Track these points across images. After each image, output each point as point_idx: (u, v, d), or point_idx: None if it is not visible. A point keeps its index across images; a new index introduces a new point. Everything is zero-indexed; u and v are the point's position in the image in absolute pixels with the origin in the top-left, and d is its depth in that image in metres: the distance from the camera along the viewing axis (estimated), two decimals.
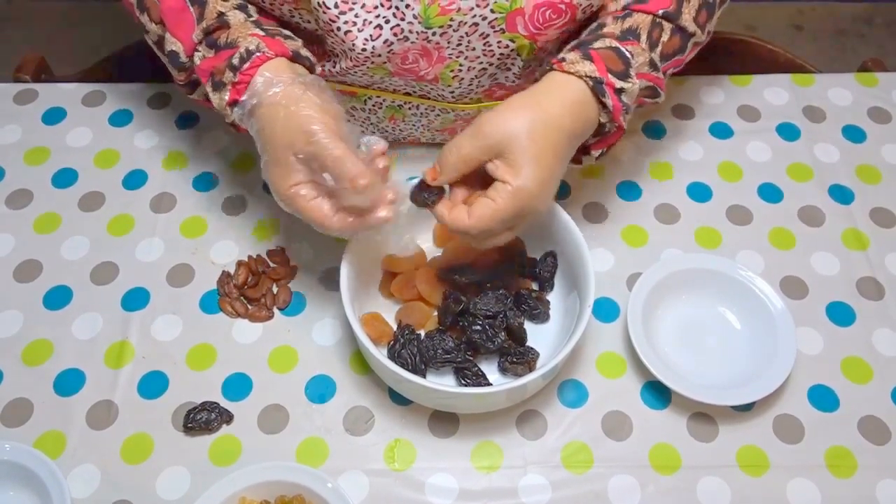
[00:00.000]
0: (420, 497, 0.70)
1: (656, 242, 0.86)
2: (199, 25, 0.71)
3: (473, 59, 0.75)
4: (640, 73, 0.70)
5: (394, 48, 0.73)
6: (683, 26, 0.73)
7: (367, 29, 0.71)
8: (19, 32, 1.99)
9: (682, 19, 0.73)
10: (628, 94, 0.69)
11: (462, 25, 0.71)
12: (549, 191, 0.69)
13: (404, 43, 0.72)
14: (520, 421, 0.74)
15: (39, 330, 0.79)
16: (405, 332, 0.74)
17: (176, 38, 0.72)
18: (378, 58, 0.74)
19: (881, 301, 0.82)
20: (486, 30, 0.72)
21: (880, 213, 0.88)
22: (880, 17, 2.12)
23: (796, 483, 0.71)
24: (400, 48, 0.73)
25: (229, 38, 0.70)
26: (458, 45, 0.73)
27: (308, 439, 0.73)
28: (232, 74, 0.68)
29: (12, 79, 1.00)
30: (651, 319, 0.78)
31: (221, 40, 0.70)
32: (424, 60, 0.74)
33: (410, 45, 0.73)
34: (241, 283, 0.81)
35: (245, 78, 0.67)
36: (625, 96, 0.69)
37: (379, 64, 0.75)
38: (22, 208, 0.88)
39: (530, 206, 0.67)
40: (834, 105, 0.97)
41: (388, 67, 0.75)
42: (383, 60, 0.74)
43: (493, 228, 0.67)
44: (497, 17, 0.71)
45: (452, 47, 0.73)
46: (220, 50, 0.69)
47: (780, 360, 0.74)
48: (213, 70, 0.69)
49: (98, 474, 0.71)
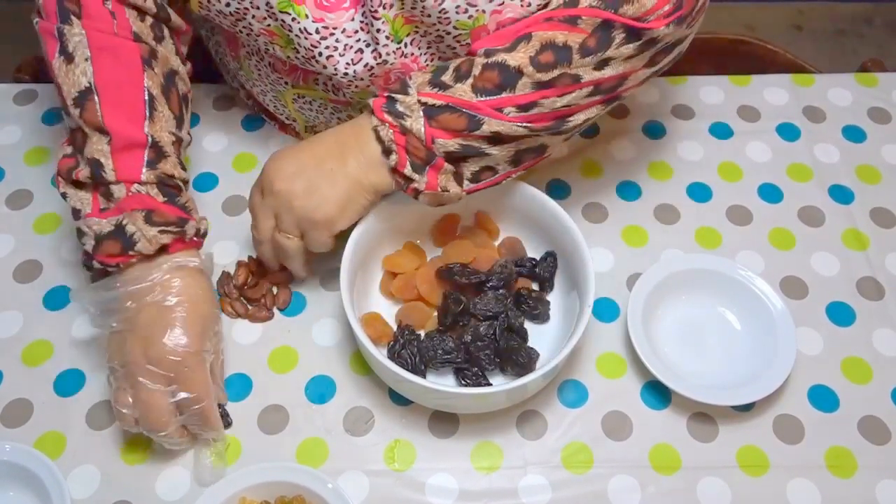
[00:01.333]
0: (420, 497, 0.70)
1: (656, 242, 0.86)
2: (152, 169, 0.71)
3: (451, 55, 0.75)
4: (422, 91, 0.68)
5: (375, 72, 0.74)
6: (502, 61, 0.67)
7: (349, 53, 0.73)
8: (19, 32, 1.99)
9: (504, 55, 0.67)
10: (402, 103, 0.68)
11: (427, 33, 0.72)
12: (289, 170, 0.71)
13: (384, 66, 0.74)
14: (520, 421, 0.74)
15: (39, 330, 0.79)
16: (405, 333, 0.74)
17: (112, 158, 0.70)
18: (361, 81, 0.75)
19: (881, 301, 0.82)
20: (451, 42, 0.73)
21: (880, 213, 0.88)
22: (880, 17, 2.13)
23: (796, 483, 0.71)
24: (380, 70, 0.74)
25: (188, 202, 0.74)
26: (429, 49, 0.74)
27: (308, 440, 0.73)
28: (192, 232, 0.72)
29: (12, 79, 1.00)
30: (651, 319, 0.78)
31: (180, 200, 0.73)
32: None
33: (391, 67, 0.74)
34: (240, 283, 0.81)
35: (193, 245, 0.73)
36: (398, 104, 0.68)
37: (363, 87, 0.76)
38: (22, 208, 0.88)
39: (267, 183, 0.71)
40: (834, 105, 0.97)
41: (373, 90, 0.76)
42: (366, 84, 0.75)
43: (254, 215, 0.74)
44: (461, 32, 0.71)
45: (423, 50, 0.74)
46: (176, 205, 0.72)
47: (780, 360, 0.74)
48: (153, 209, 0.70)
49: (98, 474, 0.71)
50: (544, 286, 0.80)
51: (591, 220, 0.87)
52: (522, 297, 0.77)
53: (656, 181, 0.91)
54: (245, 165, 0.91)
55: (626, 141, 0.94)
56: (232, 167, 0.91)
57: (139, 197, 0.70)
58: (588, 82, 0.68)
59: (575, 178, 0.90)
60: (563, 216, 0.77)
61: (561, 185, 0.90)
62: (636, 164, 0.92)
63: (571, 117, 0.70)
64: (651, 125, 0.95)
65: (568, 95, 0.68)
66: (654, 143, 0.94)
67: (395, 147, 0.69)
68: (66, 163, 0.71)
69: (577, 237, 0.75)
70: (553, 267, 0.79)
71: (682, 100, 0.98)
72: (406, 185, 0.71)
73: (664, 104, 0.97)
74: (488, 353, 0.73)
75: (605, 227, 0.87)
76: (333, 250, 0.74)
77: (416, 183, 0.70)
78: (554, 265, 0.79)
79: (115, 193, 0.70)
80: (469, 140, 0.69)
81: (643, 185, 0.90)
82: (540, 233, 0.80)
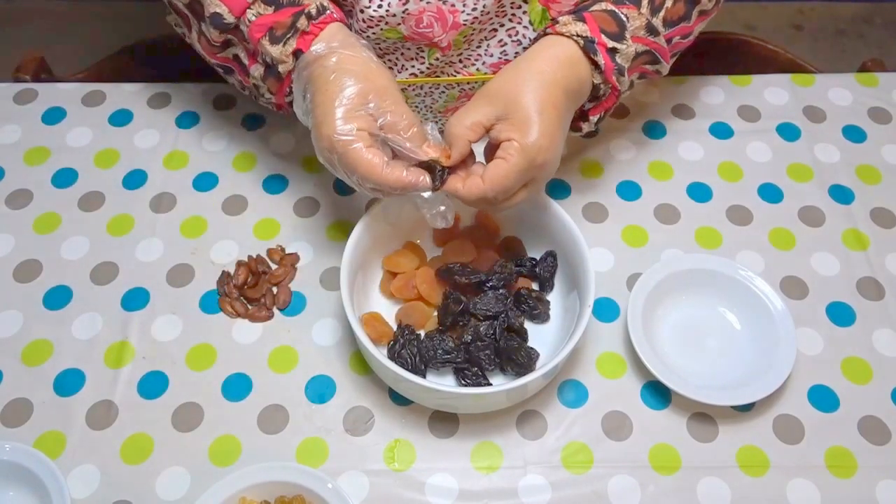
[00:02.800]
0: (420, 497, 0.70)
1: (656, 242, 0.86)
2: None
3: (486, 21, 0.75)
4: (637, 36, 0.71)
5: (409, 7, 0.73)
6: None
7: None
8: (19, 32, 1.99)
9: None
10: (623, 55, 0.70)
11: None
12: (556, 144, 0.69)
13: (420, 3, 0.73)
14: (520, 421, 0.74)
15: (39, 330, 0.79)
16: (405, 332, 0.74)
17: (220, 1, 0.72)
18: (393, 17, 0.74)
19: (881, 301, 0.82)
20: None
21: (880, 213, 0.88)
22: (880, 17, 2.12)
23: (796, 483, 0.71)
24: (415, 8, 0.73)
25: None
26: (474, 10, 0.74)
27: (308, 439, 0.73)
28: (306, 23, 0.70)
29: (12, 79, 1.00)
30: (651, 319, 0.78)
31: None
32: (439, 25, 0.74)
33: (426, 6, 0.73)
34: (241, 283, 0.81)
35: (316, 30, 0.70)
36: (619, 57, 0.70)
37: (393, 25, 0.75)
38: (22, 208, 0.88)
39: (541, 159, 0.68)
40: (834, 105, 0.97)
41: (402, 30, 0.75)
42: (398, 21, 0.74)
43: (508, 187, 0.68)
44: None
45: (468, 11, 0.74)
46: (281, 7, 0.71)
47: (780, 360, 0.74)
48: (273, 25, 0.71)
49: (98, 474, 0.71)
50: (544, 286, 0.80)
51: (591, 220, 0.87)
52: (522, 297, 0.77)
53: (656, 181, 0.91)
54: (245, 165, 0.91)
55: (627, 141, 0.94)
56: (232, 167, 0.91)
57: (256, 24, 0.71)
58: (716, 10, 0.76)
59: (575, 178, 0.90)
60: (563, 216, 0.77)
61: (561, 185, 0.90)
62: (636, 163, 0.92)
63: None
64: (651, 125, 0.95)
65: (703, 23, 0.75)
66: (655, 143, 0.94)
67: (604, 102, 0.74)
68: (209, 49, 0.76)
69: (577, 237, 0.75)
70: (553, 267, 0.79)
71: (683, 100, 0.98)
72: (579, 118, 0.76)
73: (664, 104, 0.97)
74: (488, 353, 0.73)
75: (605, 227, 0.87)
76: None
77: (587, 124, 0.76)
78: (554, 265, 0.79)
79: (245, 33, 0.72)
80: (633, 77, 0.75)
81: (643, 185, 0.90)
82: (540, 233, 0.80)
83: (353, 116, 0.66)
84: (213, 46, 0.76)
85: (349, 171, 0.68)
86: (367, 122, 0.67)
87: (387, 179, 0.67)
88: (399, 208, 0.77)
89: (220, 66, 0.80)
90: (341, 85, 0.67)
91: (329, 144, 0.67)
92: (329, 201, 0.88)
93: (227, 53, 0.77)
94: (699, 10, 0.75)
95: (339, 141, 0.66)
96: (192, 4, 0.75)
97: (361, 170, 0.66)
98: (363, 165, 0.66)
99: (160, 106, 0.96)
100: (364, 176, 0.67)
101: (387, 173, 0.66)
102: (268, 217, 0.87)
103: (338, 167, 0.68)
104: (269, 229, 0.86)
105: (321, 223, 0.87)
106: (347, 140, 0.66)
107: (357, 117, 0.67)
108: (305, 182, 0.89)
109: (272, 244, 0.85)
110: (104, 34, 1.75)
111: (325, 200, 0.88)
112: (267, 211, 0.87)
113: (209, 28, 0.73)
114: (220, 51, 0.77)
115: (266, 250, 0.84)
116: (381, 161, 0.67)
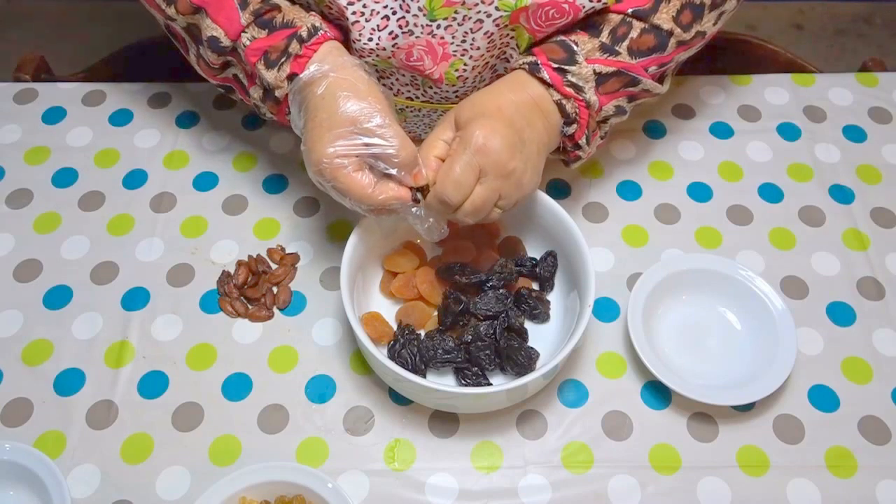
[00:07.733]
0: (420, 497, 0.70)
1: (656, 242, 0.86)
2: (245, 10, 0.72)
3: (478, 57, 0.75)
4: (592, 58, 0.72)
5: (398, 42, 0.74)
6: (657, 24, 0.73)
7: (375, 19, 0.72)
8: (19, 32, 1.99)
9: (654, 18, 0.73)
10: (577, 76, 0.71)
11: (466, 20, 0.72)
12: (502, 134, 0.68)
13: (409, 37, 0.73)
14: (520, 421, 0.74)
15: (39, 330, 0.79)
16: (405, 332, 0.74)
17: (217, 24, 0.72)
18: (383, 51, 0.74)
19: (881, 301, 0.82)
20: (490, 27, 0.73)
21: (880, 213, 0.88)
22: (880, 17, 2.12)
23: (796, 483, 0.71)
24: (405, 42, 0.74)
25: (285, 18, 0.72)
26: (463, 42, 0.74)
27: (308, 439, 0.73)
28: (298, 46, 0.70)
29: (12, 79, 1.00)
30: (651, 319, 0.78)
31: (277, 21, 0.72)
32: (429, 58, 0.75)
33: (415, 41, 0.73)
34: (241, 282, 0.81)
35: (309, 52, 0.70)
36: (571, 76, 0.71)
37: (384, 58, 0.76)
38: (22, 208, 0.88)
39: (488, 147, 0.67)
40: (834, 105, 0.97)
41: (393, 62, 0.76)
42: (388, 55, 0.75)
43: (457, 180, 0.68)
44: (502, 14, 0.71)
45: (457, 43, 0.74)
46: (275, 30, 0.72)
47: (781, 360, 0.74)
48: (267, 49, 0.71)
49: (98, 474, 0.71)
50: (544, 286, 0.80)
51: (591, 220, 0.87)
52: (522, 297, 0.77)
53: (656, 181, 0.91)
54: (245, 165, 0.91)
55: (627, 140, 0.94)
56: (232, 167, 0.91)
57: (251, 48, 0.72)
58: (710, 36, 0.75)
59: (575, 178, 0.90)
60: (564, 216, 0.77)
61: (561, 185, 0.90)
62: (636, 163, 0.92)
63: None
64: (651, 125, 0.95)
65: (691, 50, 0.75)
66: (655, 142, 0.94)
67: (579, 120, 0.73)
68: (209, 71, 0.77)
69: (578, 237, 0.75)
70: (553, 267, 0.79)
71: (683, 99, 0.98)
72: (573, 149, 0.75)
73: (665, 104, 0.97)
74: (488, 352, 0.73)
75: (605, 227, 0.87)
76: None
77: (581, 151, 0.75)
78: (554, 265, 0.79)
79: (242, 56, 0.72)
80: (621, 101, 0.74)
81: (643, 185, 0.90)
82: (540, 233, 0.80)
83: (340, 141, 0.67)
84: (213, 69, 0.77)
85: (341, 195, 0.69)
86: (354, 147, 0.67)
87: (375, 199, 0.68)
88: None
89: (220, 86, 0.81)
90: (330, 110, 0.67)
91: (318, 170, 0.68)
92: (329, 201, 0.88)
93: (227, 74, 0.78)
94: (676, 42, 0.75)
95: (327, 167, 0.67)
96: (190, 28, 0.75)
97: (353, 193, 0.68)
98: (354, 188, 0.68)
99: (160, 106, 0.96)
100: (357, 199, 0.68)
101: (375, 193, 0.68)
102: (268, 217, 0.87)
103: (330, 191, 0.70)
104: (269, 229, 0.86)
105: (321, 223, 0.87)
106: (337, 164, 0.67)
107: (345, 142, 0.67)
108: (305, 182, 0.89)
109: (272, 244, 0.85)
110: (104, 34, 1.75)
111: (325, 200, 0.88)
112: (267, 211, 0.87)
113: (207, 51, 0.74)
114: (220, 72, 0.78)
115: (266, 250, 0.84)
116: (370, 181, 0.68)
